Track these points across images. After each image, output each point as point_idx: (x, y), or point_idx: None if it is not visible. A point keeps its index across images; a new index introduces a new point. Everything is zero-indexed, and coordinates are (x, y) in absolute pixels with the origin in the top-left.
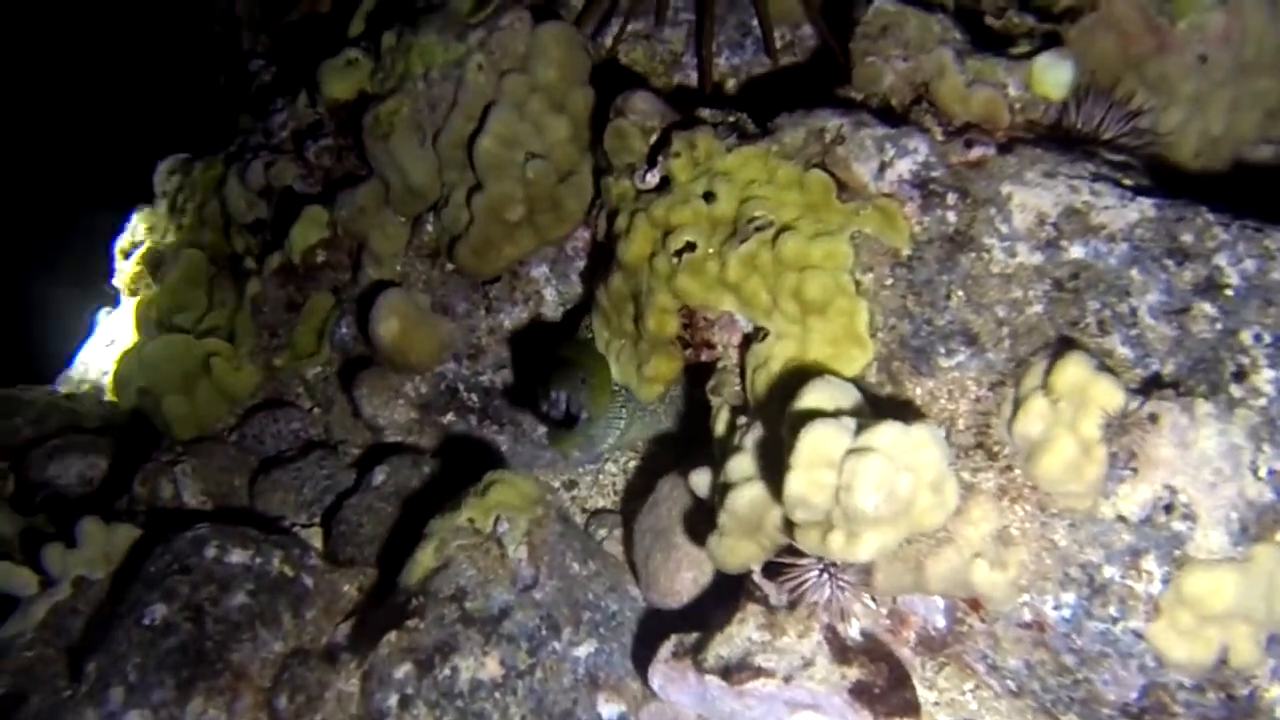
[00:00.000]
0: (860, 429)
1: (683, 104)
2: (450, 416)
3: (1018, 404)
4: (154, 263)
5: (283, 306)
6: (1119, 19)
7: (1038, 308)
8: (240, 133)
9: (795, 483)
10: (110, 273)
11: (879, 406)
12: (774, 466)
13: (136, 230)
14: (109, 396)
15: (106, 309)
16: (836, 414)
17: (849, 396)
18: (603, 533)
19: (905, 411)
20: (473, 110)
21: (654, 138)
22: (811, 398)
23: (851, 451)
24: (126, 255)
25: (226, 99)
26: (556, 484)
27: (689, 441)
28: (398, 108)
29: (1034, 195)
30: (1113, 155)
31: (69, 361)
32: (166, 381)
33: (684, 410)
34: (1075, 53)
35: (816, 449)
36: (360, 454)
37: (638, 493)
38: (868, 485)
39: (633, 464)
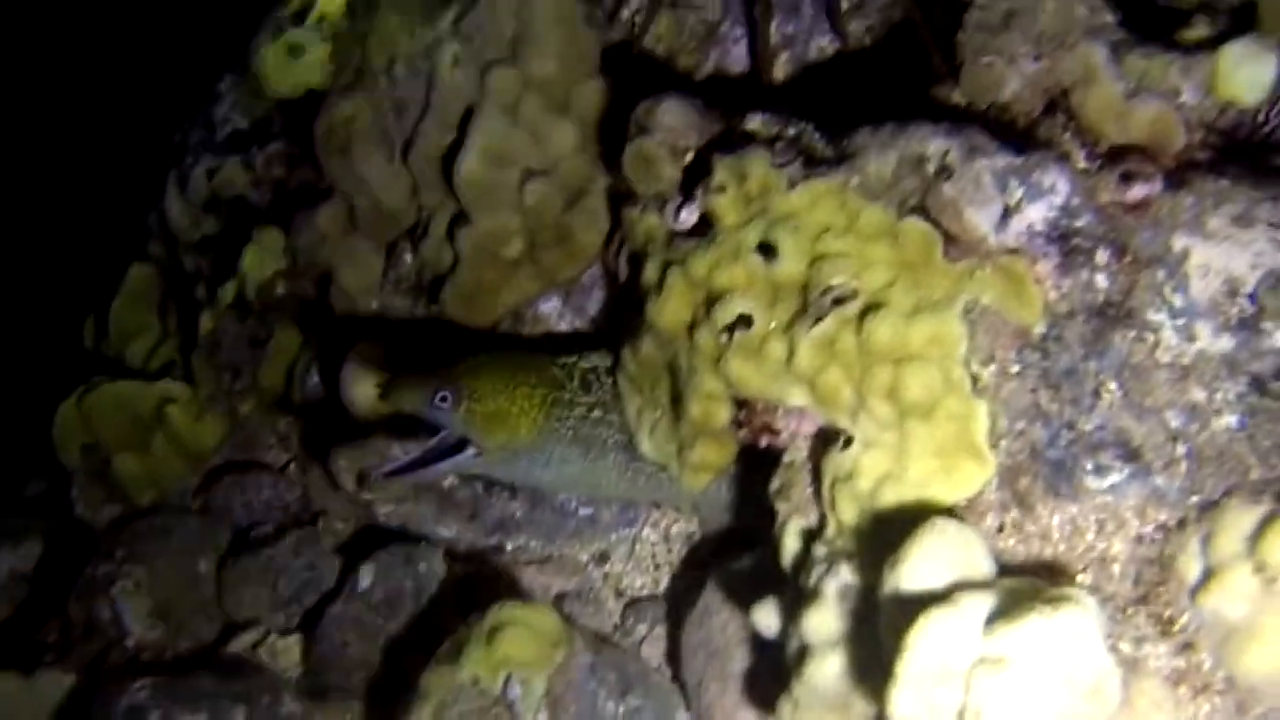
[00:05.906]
0: (991, 621)
1: (721, 94)
2: (451, 480)
3: (1210, 572)
4: None
5: (244, 343)
6: None
7: (1229, 419)
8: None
9: (904, 704)
10: None
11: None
12: (866, 631)
13: None
14: None
15: None
16: (956, 592)
17: (973, 557)
18: (642, 629)
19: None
20: (449, 116)
21: (689, 158)
22: (921, 564)
23: (982, 662)
24: None
25: None
26: (585, 557)
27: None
28: (355, 113)
29: (1221, 252)
30: None
31: None
32: (115, 436)
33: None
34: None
35: (931, 657)
36: (348, 534)
37: (685, 566)
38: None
39: (675, 528)
